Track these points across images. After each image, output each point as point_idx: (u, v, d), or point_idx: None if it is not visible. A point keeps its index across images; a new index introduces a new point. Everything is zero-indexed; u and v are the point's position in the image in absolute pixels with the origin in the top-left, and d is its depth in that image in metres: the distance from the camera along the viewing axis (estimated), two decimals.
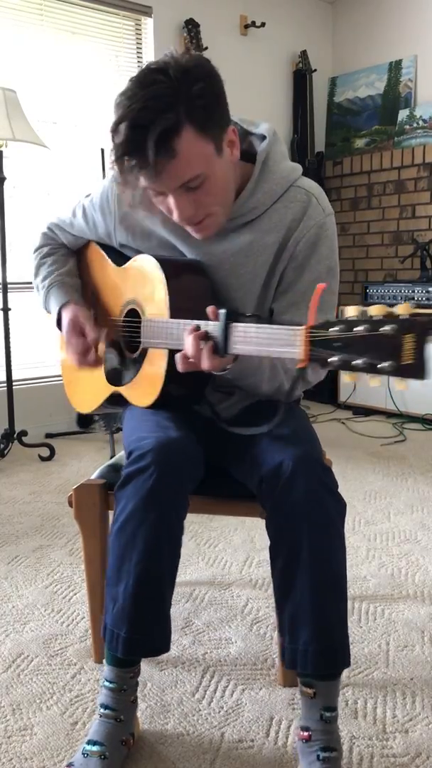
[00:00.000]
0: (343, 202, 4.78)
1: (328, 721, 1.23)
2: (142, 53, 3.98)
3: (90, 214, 1.49)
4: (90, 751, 1.22)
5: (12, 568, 2.07)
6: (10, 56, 3.47)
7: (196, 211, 1.24)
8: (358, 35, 4.75)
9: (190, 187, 1.20)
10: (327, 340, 0.96)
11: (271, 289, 1.37)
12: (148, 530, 1.18)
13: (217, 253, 1.35)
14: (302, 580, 1.19)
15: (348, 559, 2.11)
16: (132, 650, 1.21)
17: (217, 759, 1.28)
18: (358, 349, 0.92)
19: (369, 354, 0.91)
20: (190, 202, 1.22)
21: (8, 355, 3.21)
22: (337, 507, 1.23)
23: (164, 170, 1.16)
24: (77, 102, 3.74)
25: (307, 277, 1.33)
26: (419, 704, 1.43)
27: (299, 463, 1.19)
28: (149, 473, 1.18)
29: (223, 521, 2.41)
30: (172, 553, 1.23)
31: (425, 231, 4.37)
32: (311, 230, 1.32)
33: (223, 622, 1.75)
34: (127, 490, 1.21)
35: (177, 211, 1.22)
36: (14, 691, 1.48)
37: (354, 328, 0.93)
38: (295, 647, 1.20)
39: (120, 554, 1.21)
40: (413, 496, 2.71)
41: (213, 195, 1.24)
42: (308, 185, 1.36)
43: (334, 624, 1.20)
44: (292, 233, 1.32)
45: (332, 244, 1.36)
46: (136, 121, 1.13)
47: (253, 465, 1.28)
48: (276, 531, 1.23)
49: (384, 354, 0.90)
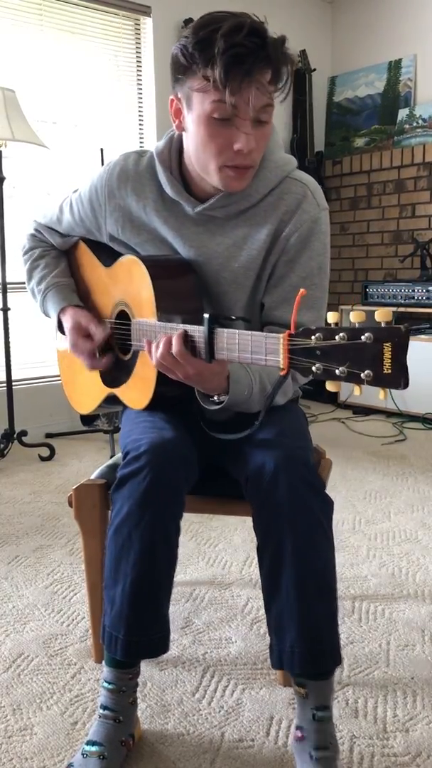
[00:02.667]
0: (343, 202, 4.77)
1: (320, 721, 1.22)
2: (141, 53, 3.98)
3: (77, 208, 1.48)
4: (89, 752, 1.22)
5: (12, 568, 2.07)
6: (10, 56, 3.47)
7: (253, 152, 1.22)
8: (358, 35, 4.75)
9: (260, 120, 1.19)
10: (307, 349, 0.94)
11: (262, 283, 1.36)
12: (144, 531, 1.18)
13: (211, 246, 1.34)
14: (287, 580, 1.19)
15: (348, 559, 2.12)
16: (130, 652, 1.21)
17: (217, 759, 1.28)
18: (338, 357, 0.90)
19: (349, 363, 0.89)
20: (254, 136, 1.20)
21: (8, 355, 3.21)
22: (321, 506, 1.21)
23: (272, 78, 1.16)
24: (77, 102, 3.74)
25: (297, 272, 1.33)
26: (420, 703, 1.43)
27: (282, 463, 1.19)
28: (143, 475, 1.18)
29: (224, 521, 2.41)
30: (168, 553, 1.22)
31: (425, 230, 4.37)
32: (305, 225, 1.32)
33: (223, 622, 1.75)
34: (122, 492, 1.21)
35: (246, 140, 1.19)
36: (14, 691, 1.48)
37: (334, 336, 0.91)
38: (281, 647, 1.20)
39: (116, 556, 1.21)
40: (413, 495, 2.70)
41: (264, 141, 1.24)
42: (304, 178, 1.35)
43: (321, 623, 1.19)
44: (285, 226, 1.32)
45: (325, 239, 1.35)
46: (257, 29, 1.13)
47: (241, 465, 1.27)
48: (262, 531, 1.23)
49: (364, 363, 0.88)
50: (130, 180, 1.39)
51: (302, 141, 4.66)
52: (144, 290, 1.30)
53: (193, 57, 1.15)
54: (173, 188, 1.34)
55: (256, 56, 1.12)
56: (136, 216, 1.39)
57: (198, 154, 1.25)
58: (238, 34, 1.11)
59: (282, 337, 0.97)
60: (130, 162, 1.40)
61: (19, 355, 3.43)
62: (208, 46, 1.13)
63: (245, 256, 1.33)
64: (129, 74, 3.96)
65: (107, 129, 3.87)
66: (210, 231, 1.35)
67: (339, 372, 0.90)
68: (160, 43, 3.94)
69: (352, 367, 0.89)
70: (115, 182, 1.40)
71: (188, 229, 1.36)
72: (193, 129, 1.23)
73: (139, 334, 1.31)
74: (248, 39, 1.12)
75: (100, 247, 1.51)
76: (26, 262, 1.58)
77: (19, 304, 3.33)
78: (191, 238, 1.35)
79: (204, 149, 1.23)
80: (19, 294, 3.43)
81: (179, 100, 1.24)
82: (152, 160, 1.38)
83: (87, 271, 1.55)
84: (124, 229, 1.41)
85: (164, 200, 1.37)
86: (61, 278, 1.53)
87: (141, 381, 1.34)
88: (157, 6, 3.91)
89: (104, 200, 1.42)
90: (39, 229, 1.60)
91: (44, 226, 1.59)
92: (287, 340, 0.96)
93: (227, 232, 1.34)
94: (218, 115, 1.17)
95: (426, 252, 4.08)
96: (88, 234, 1.50)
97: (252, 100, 1.15)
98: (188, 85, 1.19)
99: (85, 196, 1.46)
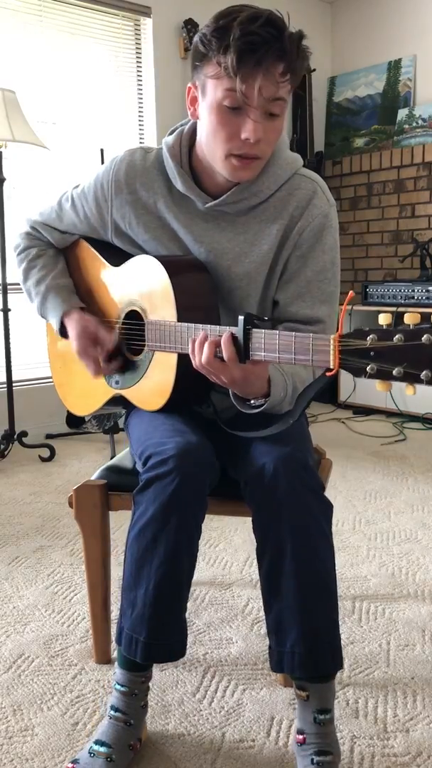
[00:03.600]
0: (343, 202, 4.77)
1: (322, 724, 1.22)
2: (141, 53, 3.98)
3: (80, 204, 1.45)
4: (97, 752, 1.22)
5: (12, 569, 2.07)
6: (10, 57, 3.47)
7: (260, 143, 1.22)
8: (358, 35, 4.75)
9: (271, 113, 1.20)
10: (362, 350, 0.95)
11: (275, 279, 1.36)
12: (169, 535, 1.18)
13: (221, 242, 1.34)
14: (287, 582, 1.18)
15: (348, 559, 2.12)
16: (151, 655, 1.20)
17: (218, 759, 1.28)
18: (394, 358, 0.92)
19: (407, 363, 0.91)
20: (262, 128, 1.20)
21: (8, 355, 3.21)
22: (321, 507, 1.21)
23: (283, 70, 1.16)
24: (76, 102, 3.74)
25: (311, 267, 1.33)
26: (420, 703, 1.43)
27: (281, 465, 1.19)
28: (171, 478, 1.17)
29: (224, 521, 2.41)
30: (190, 558, 1.22)
31: (425, 230, 4.37)
32: (316, 219, 1.32)
33: (223, 622, 1.75)
34: (147, 494, 1.20)
35: (253, 129, 1.18)
36: (15, 691, 1.48)
37: (391, 337, 0.92)
38: (281, 650, 1.20)
39: (139, 558, 1.20)
40: (413, 495, 2.71)
41: (274, 136, 1.24)
42: (312, 175, 1.36)
43: (322, 626, 1.19)
44: (296, 221, 1.32)
45: (336, 234, 1.36)
46: (275, 21, 1.15)
47: (241, 466, 1.28)
48: (260, 532, 1.23)
49: (423, 363, 0.90)
50: (138, 175, 1.37)
51: (302, 141, 4.66)
52: (161, 290, 1.29)
53: (210, 44, 1.16)
54: (184, 183, 1.33)
55: (269, 46, 1.13)
56: (145, 211, 1.38)
57: (208, 142, 1.26)
58: (254, 23, 1.13)
59: (333, 339, 0.98)
60: (137, 157, 1.39)
61: (20, 356, 3.43)
62: (225, 34, 1.14)
63: (256, 252, 1.33)
64: (129, 75, 3.96)
65: (107, 130, 3.87)
66: (220, 227, 1.35)
67: (396, 372, 0.92)
68: (160, 44, 3.94)
69: (409, 368, 0.91)
70: (123, 177, 1.38)
71: (198, 225, 1.35)
72: (205, 116, 1.23)
73: (156, 335, 1.29)
74: (264, 29, 1.13)
75: (103, 245, 1.48)
76: (22, 262, 1.54)
77: (19, 304, 3.33)
78: (201, 234, 1.35)
79: (214, 137, 1.23)
80: (20, 294, 3.41)
81: (196, 87, 1.25)
82: (159, 156, 1.38)
83: (89, 269, 1.52)
84: (132, 224, 1.39)
85: (173, 196, 1.36)
86: (60, 279, 1.50)
87: (155, 383, 1.33)
88: (157, 6, 3.91)
89: (111, 195, 1.39)
90: (35, 226, 1.55)
91: (41, 224, 1.54)
92: (338, 341, 0.97)
93: (237, 228, 1.34)
94: (229, 103, 1.18)
95: (426, 252, 4.09)
96: (92, 232, 1.47)
97: (262, 90, 1.16)
98: (204, 72, 1.20)
99: (90, 192, 1.43)
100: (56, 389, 1.66)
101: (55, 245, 1.56)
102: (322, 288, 1.34)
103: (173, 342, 1.25)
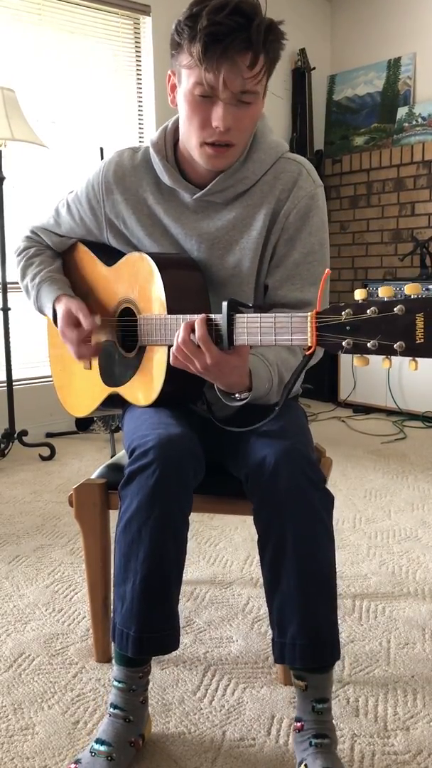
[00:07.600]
0: (343, 200, 4.77)
1: (320, 713, 1.23)
2: (141, 52, 3.98)
3: (75, 208, 1.48)
4: (98, 751, 1.22)
5: (13, 568, 2.07)
6: (9, 56, 3.47)
7: (232, 130, 1.22)
8: (357, 33, 4.75)
9: (242, 101, 1.19)
10: (337, 325, 0.95)
11: (265, 264, 1.37)
12: (153, 527, 1.18)
13: (211, 231, 1.35)
14: (288, 574, 1.19)
15: (349, 557, 2.12)
16: (142, 649, 1.20)
17: (218, 757, 1.28)
18: (369, 331, 0.92)
19: (381, 336, 0.92)
20: (233, 116, 1.20)
21: (8, 355, 3.21)
22: (323, 500, 1.22)
23: (251, 62, 1.14)
24: (76, 101, 3.74)
25: (299, 249, 1.34)
26: (420, 702, 1.43)
27: (282, 457, 1.19)
28: (152, 470, 1.18)
29: (224, 520, 2.41)
30: (177, 549, 1.22)
31: (425, 229, 4.37)
32: (302, 201, 1.33)
33: (224, 621, 1.76)
34: (130, 488, 1.21)
35: (222, 117, 1.19)
36: (16, 690, 1.48)
37: (365, 310, 0.93)
38: (283, 641, 1.20)
39: (126, 552, 1.21)
40: (414, 493, 2.71)
41: (248, 122, 1.23)
42: (297, 157, 1.37)
43: (322, 617, 1.20)
44: (282, 204, 1.33)
45: (323, 215, 1.36)
46: (243, 9, 1.13)
47: (242, 460, 1.28)
48: (262, 525, 1.23)
49: (396, 335, 0.91)
50: (127, 174, 1.40)
51: (302, 140, 4.66)
52: (152, 285, 1.30)
53: (183, 33, 1.17)
54: (170, 176, 1.35)
55: (234, 36, 1.12)
56: (137, 209, 1.40)
57: (183, 130, 1.28)
58: (221, 12, 1.12)
59: (310, 315, 0.98)
60: (125, 157, 1.42)
61: (20, 355, 3.43)
62: (195, 22, 1.15)
63: (246, 238, 1.34)
64: (128, 74, 3.96)
65: (106, 128, 3.87)
66: (209, 217, 1.36)
67: (370, 345, 0.92)
68: (160, 43, 3.93)
69: (384, 339, 0.91)
70: (111, 178, 1.41)
71: (188, 217, 1.37)
72: (181, 104, 1.25)
73: (148, 329, 1.31)
74: (230, 18, 1.12)
75: (99, 247, 1.51)
76: (20, 261, 1.57)
77: (19, 304, 3.33)
78: (191, 225, 1.36)
79: (188, 125, 1.25)
80: (20, 294, 3.42)
81: (174, 75, 1.26)
82: (147, 154, 1.40)
83: (86, 270, 1.55)
84: (125, 223, 1.42)
85: (162, 191, 1.39)
86: (56, 273, 1.53)
87: (147, 377, 1.34)
88: (156, 5, 3.91)
89: (102, 197, 1.43)
90: (35, 231, 1.60)
91: (41, 228, 1.59)
92: (315, 318, 0.97)
93: (226, 216, 1.35)
94: (198, 92, 1.19)
95: (425, 250, 4.08)
96: (88, 234, 1.51)
97: (227, 81, 1.16)
98: (179, 61, 1.22)
99: (83, 195, 1.46)
100: (56, 392, 1.68)
101: (54, 248, 1.60)
102: (311, 270, 1.35)
103: (163, 335, 1.26)
